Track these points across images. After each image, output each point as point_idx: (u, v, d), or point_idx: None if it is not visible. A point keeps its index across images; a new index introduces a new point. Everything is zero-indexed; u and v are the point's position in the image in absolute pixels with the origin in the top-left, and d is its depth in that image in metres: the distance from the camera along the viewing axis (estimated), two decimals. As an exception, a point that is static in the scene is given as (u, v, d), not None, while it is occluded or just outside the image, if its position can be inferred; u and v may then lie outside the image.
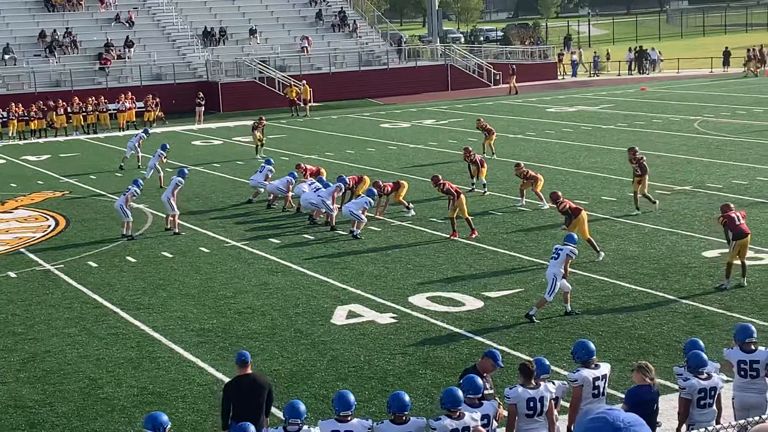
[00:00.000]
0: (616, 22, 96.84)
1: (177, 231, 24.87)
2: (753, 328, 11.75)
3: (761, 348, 11.60)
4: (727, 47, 66.60)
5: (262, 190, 28.18)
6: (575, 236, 18.17)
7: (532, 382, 10.77)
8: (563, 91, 57.28)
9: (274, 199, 27.65)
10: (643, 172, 24.70)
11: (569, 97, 53.40)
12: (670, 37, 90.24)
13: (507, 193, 27.76)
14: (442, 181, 23.62)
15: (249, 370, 11.76)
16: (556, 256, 17.24)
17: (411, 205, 26.05)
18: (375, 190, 24.95)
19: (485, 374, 11.31)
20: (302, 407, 10.35)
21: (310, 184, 26.26)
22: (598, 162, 32.35)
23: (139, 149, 35.07)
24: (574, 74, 66.84)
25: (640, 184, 24.74)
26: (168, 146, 32.63)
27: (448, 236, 23.19)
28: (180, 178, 25.73)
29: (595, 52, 71.54)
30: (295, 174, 27.58)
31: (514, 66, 57.09)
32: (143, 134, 35.95)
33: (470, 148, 29.02)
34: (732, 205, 19.45)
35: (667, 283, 18.91)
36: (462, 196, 23.33)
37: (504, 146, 35.44)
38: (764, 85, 54.91)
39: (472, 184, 28.52)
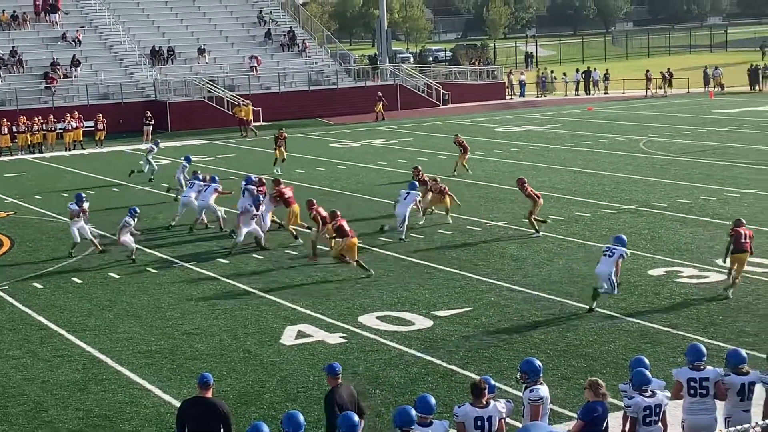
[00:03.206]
0: (563, 43, 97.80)
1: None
2: (704, 349, 11.81)
3: (709, 367, 11.70)
4: (669, 68, 67.56)
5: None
6: (624, 238, 18.79)
7: (482, 401, 10.80)
8: (511, 111, 57.74)
9: (196, 221, 27.30)
10: (534, 201, 24.98)
11: (517, 117, 53.83)
12: (615, 58, 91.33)
13: (456, 213, 27.84)
14: (314, 206, 23.27)
15: (209, 394, 11.58)
16: (611, 254, 18.31)
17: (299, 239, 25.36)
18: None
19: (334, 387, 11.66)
20: (300, 417, 10.26)
21: (198, 191, 27.18)
22: (546, 181, 32.60)
23: (153, 162, 35.17)
24: (522, 94, 67.38)
25: (532, 213, 25.04)
26: (191, 158, 33.36)
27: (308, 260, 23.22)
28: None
29: (542, 73, 72.19)
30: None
31: (380, 93, 56.60)
32: (154, 146, 35.79)
33: (419, 168, 29.02)
34: (743, 221, 19.77)
35: (613, 301, 19.08)
36: (323, 224, 22.82)
37: (451, 166, 35.58)
38: (707, 105, 55.75)
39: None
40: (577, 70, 70.27)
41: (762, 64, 67.19)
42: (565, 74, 70.78)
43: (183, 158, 33.29)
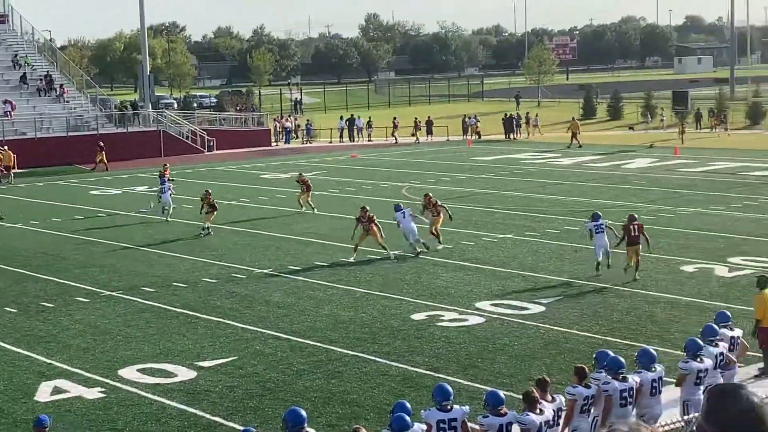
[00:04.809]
0: (328, 90, 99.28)
1: None
2: (450, 389, 12.15)
3: (456, 407, 12.06)
4: (429, 117, 69.67)
5: None
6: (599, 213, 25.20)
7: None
8: (277, 158, 57.90)
9: None
10: (440, 212, 29.00)
11: (283, 164, 54.03)
12: (378, 106, 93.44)
13: (221, 260, 27.57)
14: None
15: None
16: (601, 230, 24.64)
17: None
18: None
19: None
20: None
21: None
22: (311, 227, 32.83)
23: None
24: (287, 141, 67.72)
25: (436, 222, 28.81)
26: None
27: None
28: None
29: (307, 120, 72.87)
30: None
31: (101, 142, 54.13)
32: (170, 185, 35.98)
33: (209, 191, 32.58)
34: (635, 216, 24.85)
35: (377, 346, 19.30)
36: None
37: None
38: (466, 153, 57.73)
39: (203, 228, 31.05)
40: (341, 118, 71.35)
41: (516, 114, 70.32)
42: (308, 120, 71.64)
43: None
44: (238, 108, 78.59)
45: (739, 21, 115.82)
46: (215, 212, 32.22)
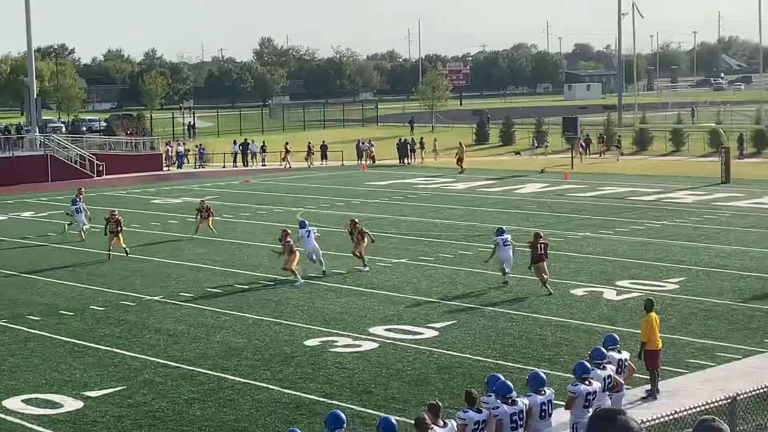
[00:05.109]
0: (221, 114, 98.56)
1: None
2: (343, 416, 12.09)
3: None
4: (324, 141, 69.68)
5: None
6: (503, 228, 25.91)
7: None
8: (168, 183, 57.16)
9: None
10: (363, 237, 29.24)
11: (174, 189, 53.35)
12: (273, 130, 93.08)
13: (110, 287, 27.03)
14: None
15: None
16: (508, 243, 25.84)
17: None
18: None
19: None
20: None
21: None
22: (203, 254, 32.42)
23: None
24: (180, 166, 66.95)
25: (359, 246, 29.14)
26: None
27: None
28: None
29: (200, 144, 72.16)
30: None
31: None
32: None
33: (116, 211, 32.93)
34: (541, 234, 25.99)
35: (270, 373, 19.10)
36: None
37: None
38: (360, 177, 57.83)
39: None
40: (235, 142, 70.85)
41: (410, 138, 70.76)
42: (200, 145, 70.85)
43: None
44: (128, 132, 77.46)
45: (626, 49, 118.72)
46: (121, 231, 32.03)
